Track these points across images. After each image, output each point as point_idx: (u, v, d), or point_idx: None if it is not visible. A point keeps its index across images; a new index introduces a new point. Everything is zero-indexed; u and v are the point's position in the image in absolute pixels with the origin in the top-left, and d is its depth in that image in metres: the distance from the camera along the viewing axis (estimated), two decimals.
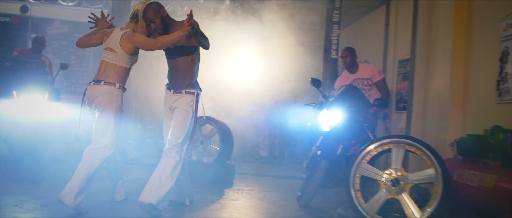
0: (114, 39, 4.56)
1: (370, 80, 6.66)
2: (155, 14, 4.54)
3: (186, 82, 4.76)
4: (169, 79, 4.86)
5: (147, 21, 4.56)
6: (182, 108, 4.70)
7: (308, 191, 5.46)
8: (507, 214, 4.60)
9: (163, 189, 4.47)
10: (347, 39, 11.52)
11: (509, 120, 5.58)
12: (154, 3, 4.59)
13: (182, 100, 4.73)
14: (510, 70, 5.68)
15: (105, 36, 4.65)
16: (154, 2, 4.62)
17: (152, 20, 4.54)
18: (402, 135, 4.44)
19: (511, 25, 5.74)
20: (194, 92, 4.76)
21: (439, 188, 3.65)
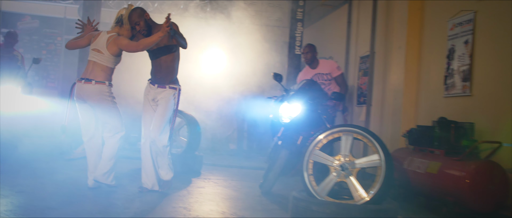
0: (101, 41, 5.12)
1: (329, 75, 7.06)
2: (140, 17, 5.10)
3: (169, 78, 5.32)
4: (153, 75, 5.38)
5: (132, 24, 5.14)
6: (166, 98, 5.27)
7: (270, 179, 5.85)
8: (449, 197, 5.07)
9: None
10: (312, 36, 11.96)
11: (454, 112, 6.06)
12: (138, 8, 5.16)
13: (164, 94, 5.29)
14: (456, 66, 6.16)
15: (92, 38, 5.21)
16: (139, 7, 5.19)
17: (137, 22, 5.12)
18: (350, 125, 4.84)
19: (457, 25, 6.21)
20: (177, 88, 5.35)
21: (382, 171, 4.06)
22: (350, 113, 9.33)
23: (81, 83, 5.11)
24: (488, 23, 5.70)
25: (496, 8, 5.61)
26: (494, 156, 5.10)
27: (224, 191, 5.98)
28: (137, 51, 5.08)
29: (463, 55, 6.03)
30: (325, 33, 11.60)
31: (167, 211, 4.50)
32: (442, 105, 6.46)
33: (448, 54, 6.35)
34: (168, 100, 5.28)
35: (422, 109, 6.98)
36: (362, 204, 4.01)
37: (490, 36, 5.65)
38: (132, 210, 4.46)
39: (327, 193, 4.18)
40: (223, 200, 5.39)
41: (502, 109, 5.36)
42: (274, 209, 5.04)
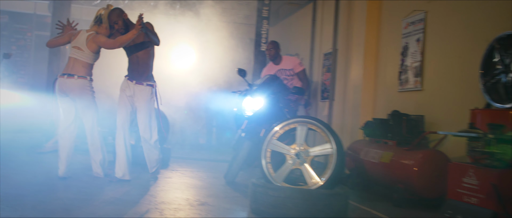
0: (81, 39, 5.53)
1: (292, 71, 7.39)
2: (119, 17, 5.53)
3: (146, 74, 5.74)
4: (130, 71, 5.77)
5: (111, 23, 5.58)
6: (145, 97, 5.70)
7: (233, 169, 6.15)
8: (400, 184, 5.44)
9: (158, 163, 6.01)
10: (280, 34, 12.30)
11: (408, 106, 6.46)
12: (117, 9, 5.60)
13: (144, 92, 5.70)
14: (409, 63, 6.55)
15: (73, 36, 5.60)
16: (118, 8, 5.62)
17: (116, 22, 5.55)
18: (305, 116, 5.17)
19: (410, 24, 6.60)
20: (153, 85, 5.79)
21: (334, 159, 4.39)
22: (315, 107, 9.70)
23: (64, 78, 5.48)
24: (437, 23, 6.11)
25: (444, 9, 6.02)
26: (441, 146, 5.48)
27: (190, 181, 6.26)
28: (115, 47, 5.52)
29: (415, 52, 6.43)
30: (291, 30, 11.95)
31: (134, 199, 4.75)
32: (397, 99, 6.85)
33: (402, 51, 6.74)
34: (148, 99, 5.72)
35: (380, 103, 7.37)
36: (315, 188, 4.34)
37: (439, 35, 6.05)
38: (101, 197, 4.71)
39: (284, 179, 4.49)
40: (188, 189, 5.67)
41: (449, 103, 5.76)
42: (236, 196, 5.34)
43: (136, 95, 5.70)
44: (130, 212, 4.13)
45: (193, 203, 4.73)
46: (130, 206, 4.39)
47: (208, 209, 4.52)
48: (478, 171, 3.48)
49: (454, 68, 5.72)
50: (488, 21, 5.24)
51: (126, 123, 5.74)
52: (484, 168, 3.44)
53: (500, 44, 4.59)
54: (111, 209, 4.19)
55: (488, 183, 3.34)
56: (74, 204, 4.25)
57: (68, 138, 5.62)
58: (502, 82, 4.55)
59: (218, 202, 4.92)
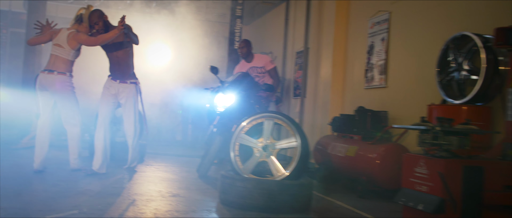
0: (62, 37, 5.78)
1: (263, 68, 7.62)
2: (99, 18, 5.85)
3: (128, 73, 6.05)
4: (112, 71, 6.07)
5: (92, 23, 5.90)
6: (130, 96, 6.03)
7: (205, 163, 6.38)
8: (364, 176, 5.72)
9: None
10: (254, 32, 12.55)
11: (373, 102, 6.75)
12: (98, 10, 5.93)
13: (128, 90, 6.03)
14: (375, 61, 6.85)
15: (54, 34, 5.84)
16: (98, 9, 5.95)
17: (96, 22, 5.87)
18: (272, 111, 5.42)
19: (375, 24, 6.90)
20: (136, 82, 6.12)
21: (298, 152, 4.64)
22: (287, 104, 9.97)
23: (45, 74, 5.71)
24: (400, 23, 6.41)
25: (407, 10, 6.32)
26: (403, 140, 5.78)
27: (163, 175, 6.47)
28: (96, 45, 5.85)
29: (380, 51, 6.72)
30: (266, 29, 12.20)
31: (108, 190, 4.94)
32: (363, 95, 7.14)
33: (368, 50, 7.03)
34: (133, 97, 6.07)
35: (348, 100, 7.66)
36: (281, 179, 4.59)
37: (402, 34, 6.35)
38: (76, 189, 4.89)
39: (251, 171, 4.72)
40: (162, 182, 5.88)
41: (410, 99, 6.06)
42: (207, 189, 5.56)
43: (120, 94, 6.03)
44: (103, 202, 4.32)
45: (165, 194, 4.94)
46: (104, 197, 4.58)
47: (179, 200, 4.73)
48: (427, 161, 3.75)
49: (415, 66, 6.02)
50: (446, 22, 5.54)
51: (107, 120, 6.04)
52: (433, 158, 3.71)
53: (454, 44, 4.88)
54: (85, 200, 4.37)
55: (435, 172, 3.62)
56: (49, 196, 4.42)
57: (45, 132, 5.82)
58: (455, 79, 4.85)
59: (189, 194, 5.13)
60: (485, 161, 3.75)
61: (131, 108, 6.09)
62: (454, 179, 3.59)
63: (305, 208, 4.60)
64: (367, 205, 5.25)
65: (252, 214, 4.25)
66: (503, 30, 4.12)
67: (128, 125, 6.15)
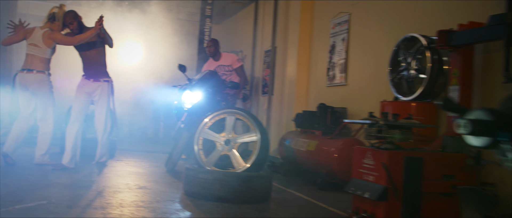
0: (37, 36, 5.98)
1: (230, 66, 7.89)
2: (74, 18, 6.10)
3: (101, 71, 6.29)
4: (86, 71, 6.30)
5: (66, 23, 6.13)
6: (104, 94, 6.25)
7: (173, 158, 6.62)
8: (323, 169, 6.03)
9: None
10: (225, 31, 12.81)
11: (335, 99, 7.07)
12: (72, 11, 6.19)
13: (101, 88, 6.25)
14: (336, 60, 7.17)
15: (28, 33, 6.02)
16: (72, 10, 6.20)
17: (71, 22, 6.13)
18: (234, 107, 5.70)
19: (337, 25, 7.22)
20: (109, 80, 6.33)
21: (258, 146, 4.92)
22: (256, 102, 10.25)
23: (23, 73, 5.94)
24: (359, 24, 6.74)
25: (365, 11, 6.65)
26: (361, 135, 6.11)
27: (132, 169, 6.70)
28: (72, 44, 6.12)
29: (341, 51, 7.05)
30: (236, 28, 12.47)
31: (77, 183, 5.16)
32: (326, 93, 7.47)
33: (330, 50, 7.36)
34: (106, 95, 6.30)
35: (311, 97, 7.98)
36: (241, 171, 4.86)
37: (360, 35, 6.69)
38: (45, 182, 5.09)
39: (214, 164, 4.99)
40: (130, 175, 6.11)
41: (368, 96, 6.40)
42: (173, 182, 5.81)
43: (94, 92, 6.28)
44: (72, 194, 4.53)
45: (132, 187, 5.18)
46: (73, 189, 4.80)
47: (145, 191, 4.97)
48: (373, 153, 4.06)
49: (372, 65, 6.36)
50: (399, 23, 5.89)
51: (80, 117, 6.27)
52: (378, 150, 4.02)
53: (404, 44, 5.22)
54: (54, 192, 4.58)
55: (380, 163, 3.93)
56: (19, 189, 4.60)
57: (23, 127, 6.04)
58: (405, 77, 5.19)
59: (156, 186, 5.38)
60: (425, 152, 4.08)
61: (103, 106, 6.31)
62: (396, 169, 3.90)
63: (264, 199, 4.89)
64: (325, 196, 5.56)
65: (214, 204, 4.51)
66: (445, 32, 4.47)
67: (99, 121, 6.37)
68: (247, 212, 4.30)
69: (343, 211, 4.60)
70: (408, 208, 3.92)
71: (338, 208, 4.79)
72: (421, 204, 3.98)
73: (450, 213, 4.05)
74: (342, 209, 4.71)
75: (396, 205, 3.90)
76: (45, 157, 6.09)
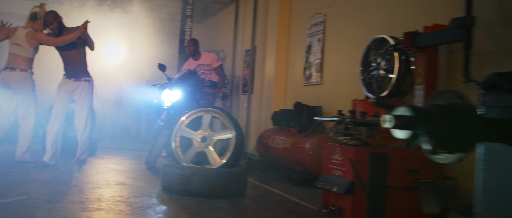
0: (20, 36, 6.17)
1: (210, 66, 8.05)
2: (55, 19, 6.24)
3: (82, 71, 6.46)
4: (67, 70, 6.44)
5: (47, 23, 6.29)
6: (84, 93, 6.43)
7: (153, 155, 6.77)
8: (298, 166, 6.23)
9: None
10: (207, 30, 12.96)
11: (311, 98, 7.27)
12: (53, 11, 6.34)
13: (82, 87, 6.42)
14: (312, 60, 7.37)
15: (10, 33, 6.20)
16: (53, 10, 6.34)
17: (51, 22, 6.29)
18: (211, 105, 5.87)
19: (313, 25, 7.42)
20: (89, 80, 6.50)
21: (233, 143, 5.10)
22: (237, 100, 10.43)
23: (6, 72, 6.12)
24: (334, 25, 6.95)
25: (340, 13, 6.86)
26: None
27: (113, 166, 6.84)
28: (56, 45, 6.29)
29: (317, 51, 7.25)
30: (218, 28, 12.63)
31: (57, 180, 5.29)
32: (303, 92, 7.67)
33: (307, 50, 7.56)
34: (86, 94, 6.48)
35: (289, 96, 8.18)
36: (217, 167, 5.04)
37: (335, 36, 6.90)
38: (26, 179, 5.21)
39: (191, 160, 5.16)
40: (109, 172, 6.25)
41: (342, 94, 6.60)
42: (152, 178, 5.97)
43: (75, 91, 6.44)
44: (51, 189, 4.67)
45: (111, 183, 5.32)
46: (53, 185, 4.93)
47: (123, 187, 5.12)
48: (341, 149, 4.26)
49: (346, 65, 6.57)
50: (372, 25, 6.09)
51: (61, 115, 6.40)
52: (345, 146, 4.23)
53: (374, 45, 5.43)
54: (34, 188, 4.71)
55: (347, 159, 4.13)
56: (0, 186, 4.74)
57: (4, 125, 6.16)
58: (375, 77, 5.40)
59: (134, 182, 5.53)
60: (390, 148, 4.29)
61: (83, 105, 6.45)
62: (362, 165, 4.11)
63: (239, 194, 5.07)
64: (299, 191, 5.75)
65: (190, 199, 4.68)
66: (410, 34, 4.68)
67: (79, 120, 6.50)
68: (221, 207, 4.47)
69: (314, 205, 4.79)
70: (373, 201, 4.13)
71: (309, 203, 4.98)
72: (386, 197, 4.19)
73: (414, 206, 4.26)
74: (313, 203, 4.90)
75: (362, 198, 4.11)
76: (26, 155, 6.22)
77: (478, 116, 1.58)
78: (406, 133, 1.54)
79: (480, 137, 1.62)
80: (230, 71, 10.92)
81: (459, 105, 1.56)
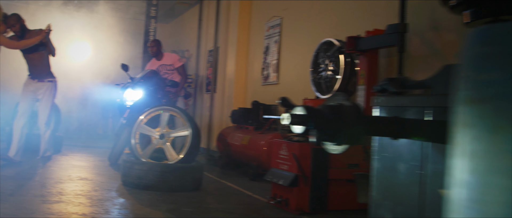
0: None
1: (172, 66, 8.32)
2: (17, 21, 6.49)
3: (45, 72, 6.66)
4: (30, 72, 6.67)
5: (9, 25, 6.48)
6: (47, 93, 6.64)
7: (116, 152, 7.03)
8: (254, 161, 6.57)
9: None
10: (173, 30, 13.21)
11: (269, 97, 7.62)
12: (16, 14, 6.51)
13: (45, 88, 6.64)
14: (270, 61, 7.72)
15: None
16: (16, 13, 6.53)
17: (13, 25, 6.52)
18: (169, 104, 6.17)
19: (270, 27, 7.77)
20: (53, 80, 6.71)
21: (189, 140, 5.42)
22: (201, 99, 10.72)
23: None
24: (289, 28, 7.31)
25: (295, 16, 7.22)
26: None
27: (76, 163, 7.07)
28: (18, 48, 6.51)
29: (274, 52, 7.60)
30: (183, 28, 12.90)
31: (21, 175, 5.53)
32: (261, 91, 8.02)
33: (265, 50, 7.90)
34: (50, 94, 6.71)
35: (249, 95, 8.52)
36: (174, 163, 5.34)
37: (290, 38, 7.26)
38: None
39: (149, 156, 5.45)
40: (73, 168, 6.49)
41: (296, 94, 6.95)
42: (114, 173, 6.22)
43: (39, 91, 6.66)
44: (15, 184, 4.90)
45: (73, 178, 5.58)
46: (16, 180, 5.17)
47: (85, 182, 5.39)
48: (287, 145, 4.62)
49: (300, 66, 6.93)
50: (323, 28, 6.47)
51: (26, 113, 6.63)
52: (290, 142, 4.59)
53: (323, 48, 5.80)
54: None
55: (292, 154, 4.49)
56: None
57: None
58: (323, 78, 5.77)
59: (96, 177, 5.80)
60: None
61: (47, 104, 6.68)
62: (306, 159, 4.47)
63: (196, 188, 5.38)
64: (254, 185, 6.09)
65: (148, 193, 4.97)
66: (353, 38, 5.06)
67: (42, 118, 6.70)
68: (177, 199, 4.77)
69: (265, 197, 5.13)
70: (315, 193, 4.50)
71: (261, 195, 5.32)
72: (327, 189, 4.56)
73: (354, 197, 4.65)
74: (264, 196, 5.24)
75: (305, 190, 4.47)
76: None
77: (361, 115, 1.94)
78: (299, 128, 1.90)
79: (362, 132, 1.98)
80: (194, 71, 11.20)
81: (345, 105, 1.92)
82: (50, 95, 6.71)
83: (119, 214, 4.05)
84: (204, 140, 9.91)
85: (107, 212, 4.04)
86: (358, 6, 5.85)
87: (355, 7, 5.90)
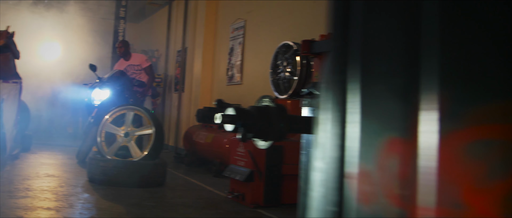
0: None
1: (140, 66, 8.53)
2: None
3: (10, 73, 6.74)
4: None
5: None
6: (12, 93, 6.73)
7: (83, 150, 7.24)
8: (218, 159, 6.84)
9: None
10: (144, 31, 13.39)
11: (233, 97, 7.90)
12: None
13: (9, 88, 6.74)
14: (234, 62, 8.01)
15: None
16: None
17: None
18: (133, 104, 6.41)
19: (235, 29, 8.06)
20: (18, 81, 6.80)
21: (153, 138, 5.67)
22: (170, 99, 10.95)
23: None
24: (252, 30, 7.60)
25: (258, 19, 7.52)
26: None
27: (45, 161, 7.26)
28: None
29: (238, 53, 7.89)
30: (153, 28, 13.10)
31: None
32: (226, 91, 8.30)
33: (229, 52, 8.19)
34: (15, 95, 6.82)
35: (215, 94, 8.80)
36: (138, 160, 5.59)
37: (253, 40, 7.55)
38: None
39: (114, 154, 5.69)
40: (41, 165, 6.68)
41: (258, 94, 7.25)
42: (80, 171, 6.44)
43: (2, 90, 6.72)
44: None
45: (41, 175, 5.78)
46: None
47: (52, 178, 5.60)
48: (243, 143, 4.92)
49: (262, 67, 7.22)
50: (283, 31, 6.78)
51: None
52: None
53: (282, 50, 6.11)
54: None
55: (247, 151, 4.79)
56: None
57: None
58: (282, 78, 6.08)
59: (63, 174, 6.01)
60: (286, 142, 4.97)
61: (12, 104, 6.78)
62: (261, 156, 4.77)
63: (159, 184, 5.64)
64: (216, 181, 6.37)
65: (112, 188, 5.21)
66: (307, 41, 5.37)
67: (7, 118, 6.79)
68: (140, 195, 5.02)
69: (224, 192, 5.42)
70: (270, 187, 4.80)
71: (221, 191, 5.61)
72: (281, 184, 4.87)
73: None
74: (223, 191, 5.52)
75: (260, 185, 4.78)
76: None
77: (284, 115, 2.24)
78: (230, 127, 2.20)
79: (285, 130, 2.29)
80: (163, 70, 11.42)
81: (270, 106, 2.23)
82: (15, 96, 6.83)
83: (83, 207, 4.30)
84: (172, 138, 10.16)
85: (71, 206, 4.28)
86: (314, 11, 6.16)
87: (311, 12, 6.22)
